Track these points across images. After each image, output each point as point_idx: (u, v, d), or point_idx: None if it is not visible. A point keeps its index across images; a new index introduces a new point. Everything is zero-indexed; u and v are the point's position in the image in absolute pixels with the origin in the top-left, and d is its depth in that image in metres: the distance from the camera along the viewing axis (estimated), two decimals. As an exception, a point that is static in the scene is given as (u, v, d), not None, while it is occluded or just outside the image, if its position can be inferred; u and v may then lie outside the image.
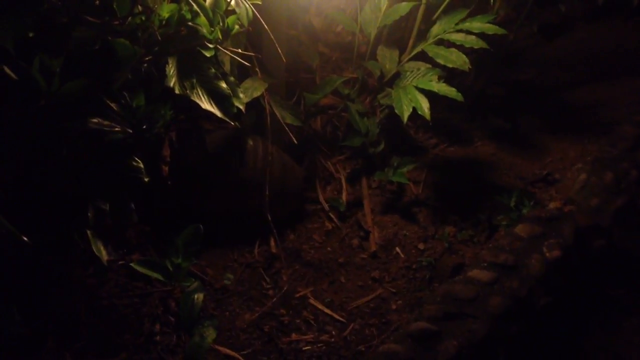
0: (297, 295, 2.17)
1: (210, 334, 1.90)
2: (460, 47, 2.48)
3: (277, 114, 2.34)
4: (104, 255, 1.60)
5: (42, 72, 1.46)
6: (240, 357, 1.93)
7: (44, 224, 1.60)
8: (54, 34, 1.62)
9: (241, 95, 2.07)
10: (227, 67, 2.18)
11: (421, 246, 2.34)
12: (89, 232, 1.59)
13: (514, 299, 1.92)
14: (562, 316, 2.03)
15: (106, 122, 1.59)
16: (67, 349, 1.84)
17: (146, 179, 1.71)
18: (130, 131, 1.62)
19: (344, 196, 2.50)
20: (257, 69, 2.30)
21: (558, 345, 2.00)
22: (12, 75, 1.43)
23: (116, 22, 1.73)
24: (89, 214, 1.60)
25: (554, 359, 1.97)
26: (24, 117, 1.47)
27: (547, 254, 2.03)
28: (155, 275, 1.85)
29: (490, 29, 2.45)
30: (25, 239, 1.08)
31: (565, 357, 1.98)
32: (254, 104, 2.36)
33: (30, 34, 1.56)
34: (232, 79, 2.07)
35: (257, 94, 2.27)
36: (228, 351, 1.95)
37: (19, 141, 1.47)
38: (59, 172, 1.56)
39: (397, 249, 2.34)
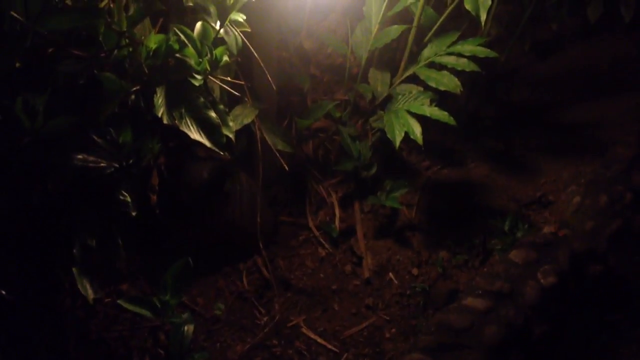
0: (290, 324, 2.15)
1: (201, 368, 1.87)
2: (452, 70, 2.47)
3: (268, 140, 2.32)
4: (90, 293, 1.57)
5: (26, 109, 1.43)
6: (232, 391, 1.89)
7: (30, 260, 1.58)
8: (38, 68, 1.60)
9: (231, 123, 2.05)
10: (216, 94, 2.16)
11: (415, 271, 2.31)
12: (74, 269, 1.57)
13: (510, 327, 1.89)
14: (560, 344, 2.00)
15: (91, 158, 1.57)
16: (55, 385, 1.82)
17: (134, 213, 1.69)
18: (117, 166, 1.60)
19: (336, 221, 2.48)
20: (248, 96, 2.28)
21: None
22: (-5, 113, 1.41)
23: (102, 55, 1.71)
24: (74, 251, 1.57)
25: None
26: (7, 154, 1.45)
27: (543, 281, 2.01)
28: (143, 312, 1.81)
29: (482, 52, 2.43)
30: (2, 291, 1.05)
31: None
32: (245, 130, 2.35)
33: (16, 66, 1.54)
34: (221, 107, 2.05)
35: (247, 121, 2.25)
36: (219, 385, 1.92)
37: (2, 178, 1.45)
38: (43, 208, 1.54)
39: (391, 275, 2.32)
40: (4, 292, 1.08)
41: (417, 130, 2.30)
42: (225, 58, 1.86)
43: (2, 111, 1.43)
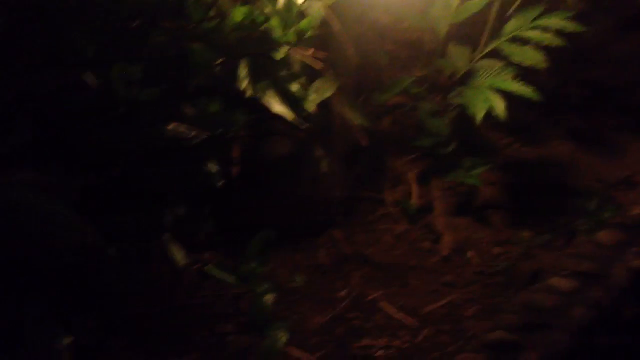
0: (368, 298, 2.14)
1: (282, 336, 1.88)
2: (536, 44, 2.40)
3: (347, 115, 2.31)
4: (179, 259, 1.61)
5: (122, 79, 1.47)
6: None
7: (122, 228, 1.62)
8: (132, 40, 1.64)
9: (311, 97, 2.06)
10: (296, 68, 2.16)
11: (495, 250, 2.27)
12: (165, 236, 1.60)
13: (598, 309, 1.83)
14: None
15: (182, 128, 1.60)
16: (142, 347, 1.87)
17: (219, 184, 1.72)
18: (206, 135, 1.62)
19: (413, 198, 2.45)
20: (326, 70, 2.27)
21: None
22: (92, 82, 1.45)
23: (190, 27, 1.73)
24: (165, 219, 1.61)
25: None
26: (103, 124, 1.49)
27: (632, 263, 1.94)
28: (230, 279, 1.85)
29: (569, 26, 2.36)
30: (110, 251, 1.09)
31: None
32: (322, 105, 2.34)
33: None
34: (302, 80, 2.06)
35: (327, 94, 2.23)
36: (300, 353, 1.93)
37: (99, 149, 1.49)
38: (137, 178, 1.58)
39: (470, 253, 2.28)
40: (111, 251, 1.11)
41: (500, 105, 2.26)
42: (310, 30, 1.86)
43: (98, 81, 1.46)
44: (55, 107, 1.42)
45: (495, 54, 2.51)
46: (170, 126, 1.58)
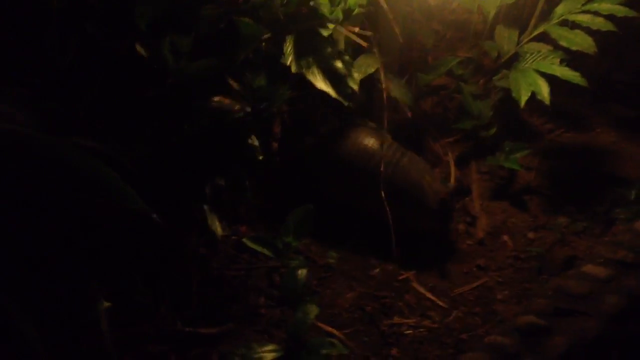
0: (400, 277, 2.17)
1: (313, 311, 1.92)
2: (586, 29, 2.36)
3: (390, 92, 2.31)
4: (219, 230, 1.65)
5: (172, 51, 1.51)
6: (341, 336, 1.95)
7: (166, 197, 1.67)
8: (183, 12, 1.67)
9: (355, 74, 2.07)
10: (341, 45, 2.18)
11: (531, 235, 2.27)
12: (205, 206, 1.65)
13: (632, 298, 1.83)
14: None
15: (227, 101, 1.63)
16: (179, 316, 1.93)
17: (260, 157, 1.75)
18: (249, 110, 1.66)
19: (452, 180, 2.45)
20: (372, 47, 2.28)
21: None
22: (143, 53, 1.49)
23: (240, 1, 1.76)
24: (206, 190, 1.65)
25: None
26: (152, 94, 1.53)
27: (670, 253, 1.92)
28: (265, 251, 1.89)
29: (621, 10, 2.31)
30: (156, 218, 1.13)
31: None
32: (365, 83, 2.35)
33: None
34: (347, 58, 2.07)
35: (370, 70, 2.24)
36: (330, 329, 1.97)
37: (148, 119, 1.54)
38: (181, 149, 1.62)
39: (505, 237, 2.28)
40: (156, 218, 1.16)
41: (545, 90, 2.24)
42: (358, 7, 1.87)
43: (149, 52, 1.50)
44: (110, 78, 1.47)
45: (543, 38, 2.48)
46: (216, 99, 1.62)
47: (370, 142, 2.21)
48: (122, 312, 1.78)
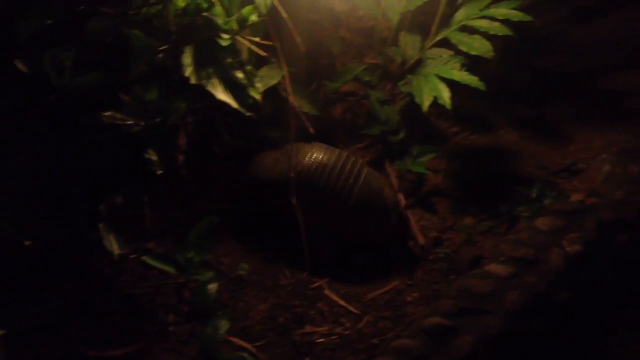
0: (312, 286, 2.17)
1: (224, 325, 1.90)
2: (485, 34, 2.42)
3: (295, 102, 2.31)
4: (115, 249, 1.61)
5: (54, 65, 1.46)
6: (253, 349, 1.93)
7: (59, 218, 1.62)
8: (68, 25, 1.62)
9: (257, 84, 2.06)
10: (244, 55, 2.16)
11: (439, 237, 2.31)
12: (100, 225, 1.60)
13: (532, 294, 1.88)
14: (584, 313, 1.99)
15: (119, 115, 1.59)
16: (84, 339, 1.87)
17: (159, 172, 1.72)
18: (143, 124, 1.62)
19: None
20: (276, 57, 2.27)
21: (579, 343, 1.96)
22: (23, 68, 1.44)
23: (131, 13, 1.72)
24: (101, 207, 1.60)
25: (574, 357, 1.93)
26: (35, 110, 1.48)
27: (568, 248, 1.99)
28: (167, 268, 1.85)
29: (516, 15, 2.39)
30: (25, 240, 1.09)
31: (587, 356, 1.95)
32: (272, 93, 2.34)
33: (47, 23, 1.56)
34: (249, 68, 2.05)
35: (273, 82, 2.24)
36: (242, 342, 1.95)
37: (31, 135, 1.48)
38: (72, 166, 1.57)
39: (415, 240, 2.31)
40: (29, 243, 1.11)
41: (445, 94, 2.28)
42: (253, 17, 1.86)
43: (30, 67, 1.45)
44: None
45: (446, 43, 2.53)
46: (107, 114, 1.57)
47: (326, 156, 2.22)
48: (21, 338, 1.71)
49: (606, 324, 2.02)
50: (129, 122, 1.60)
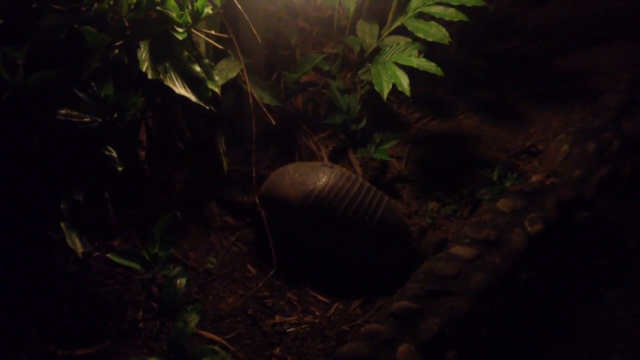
0: (281, 277, 2.17)
1: (194, 319, 1.89)
2: (441, 20, 2.45)
3: (255, 94, 2.31)
4: (78, 247, 1.59)
5: (6, 64, 1.43)
6: (224, 342, 1.92)
7: (18, 218, 1.59)
8: (19, 23, 1.59)
9: (216, 77, 2.04)
10: (202, 49, 2.14)
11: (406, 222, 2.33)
12: (63, 224, 1.58)
13: (496, 274, 1.92)
14: (547, 290, 2.03)
15: (75, 113, 1.57)
16: (51, 339, 1.84)
17: (120, 168, 1.70)
18: (100, 120, 1.60)
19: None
20: (234, 49, 2.26)
21: (543, 319, 2.00)
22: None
23: (83, 9, 1.69)
24: (62, 206, 1.58)
25: (538, 334, 1.97)
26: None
27: (529, 228, 2.03)
28: (133, 265, 1.84)
29: (469, 1, 2.41)
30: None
31: (551, 332, 1.99)
32: (232, 86, 2.34)
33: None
34: (206, 61, 2.03)
35: (232, 75, 2.23)
36: (212, 336, 1.95)
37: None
38: (30, 165, 1.54)
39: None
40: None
41: (404, 81, 2.30)
42: (208, 10, 1.84)
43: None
44: None
45: (403, 31, 2.55)
46: (62, 111, 1.55)
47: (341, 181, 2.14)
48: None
49: (568, 301, 2.06)
50: (85, 119, 1.57)
